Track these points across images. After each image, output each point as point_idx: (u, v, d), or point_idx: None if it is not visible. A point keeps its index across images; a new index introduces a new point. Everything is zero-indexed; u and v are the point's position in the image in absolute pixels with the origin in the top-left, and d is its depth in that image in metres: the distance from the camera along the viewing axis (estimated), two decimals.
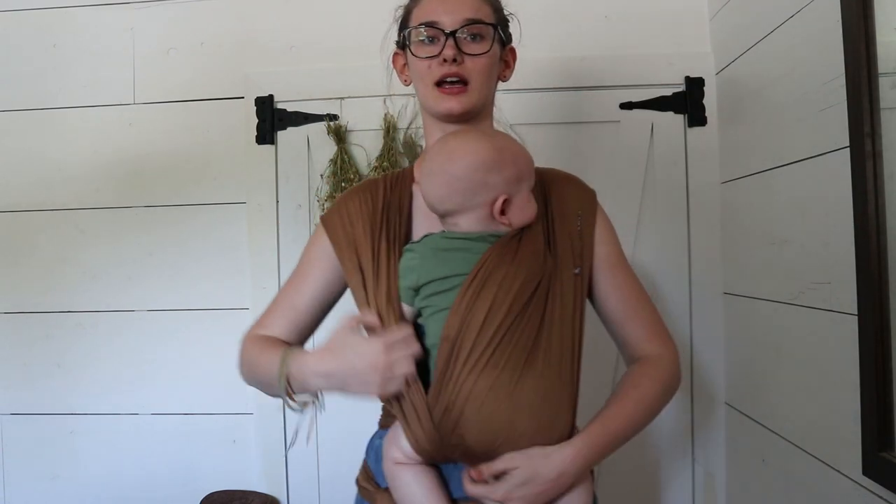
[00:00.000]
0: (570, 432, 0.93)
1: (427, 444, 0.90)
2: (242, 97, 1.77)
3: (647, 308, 1.04)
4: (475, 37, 0.98)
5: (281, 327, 1.05)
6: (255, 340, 1.04)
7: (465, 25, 0.97)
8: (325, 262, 1.04)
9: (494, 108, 1.10)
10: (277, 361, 0.94)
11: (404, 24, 1.05)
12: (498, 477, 0.89)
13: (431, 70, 0.98)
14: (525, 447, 0.88)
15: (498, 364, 0.87)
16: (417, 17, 1.01)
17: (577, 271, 0.96)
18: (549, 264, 0.93)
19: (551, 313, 0.91)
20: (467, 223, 0.93)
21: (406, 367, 0.88)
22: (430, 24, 0.98)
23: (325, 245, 1.04)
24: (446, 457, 0.92)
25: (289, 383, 0.92)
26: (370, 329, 0.92)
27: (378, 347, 0.87)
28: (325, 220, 1.05)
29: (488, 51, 0.99)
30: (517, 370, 0.87)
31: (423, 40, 1.00)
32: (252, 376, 1.04)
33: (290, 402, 0.93)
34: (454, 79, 0.97)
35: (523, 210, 0.93)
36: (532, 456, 0.88)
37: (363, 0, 1.71)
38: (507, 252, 0.91)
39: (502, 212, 0.92)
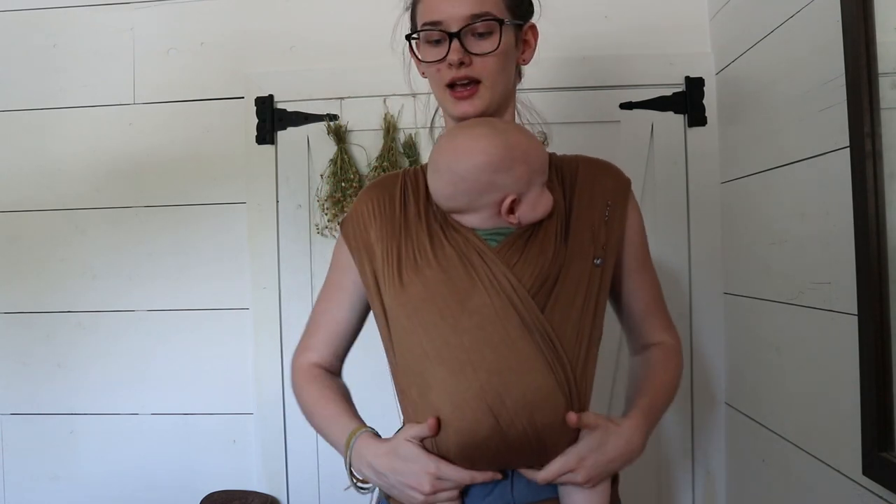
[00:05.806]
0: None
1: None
2: (242, 97, 1.77)
3: (663, 301, 1.07)
4: (483, 34, 0.92)
5: (327, 347, 1.04)
6: (309, 378, 1.02)
7: (469, 24, 0.91)
8: (353, 269, 1.00)
9: (529, 110, 1.08)
10: (342, 434, 0.94)
11: (412, 16, 1.01)
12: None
13: (441, 73, 0.94)
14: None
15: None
16: (422, 12, 0.96)
17: (598, 262, 0.92)
18: (559, 260, 0.89)
19: (552, 309, 0.87)
20: (473, 221, 0.90)
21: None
22: (433, 25, 0.93)
23: (347, 252, 1.01)
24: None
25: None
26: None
27: (429, 472, 0.85)
28: (343, 226, 1.02)
29: (497, 48, 0.92)
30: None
31: (428, 42, 0.95)
32: (312, 423, 1.03)
33: (357, 482, 0.94)
34: (465, 81, 0.93)
35: (534, 207, 0.90)
36: (600, 423, 0.86)
37: (363, 0, 1.72)
38: (512, 255, 0.89)
39: (511, 210, 0.88)
